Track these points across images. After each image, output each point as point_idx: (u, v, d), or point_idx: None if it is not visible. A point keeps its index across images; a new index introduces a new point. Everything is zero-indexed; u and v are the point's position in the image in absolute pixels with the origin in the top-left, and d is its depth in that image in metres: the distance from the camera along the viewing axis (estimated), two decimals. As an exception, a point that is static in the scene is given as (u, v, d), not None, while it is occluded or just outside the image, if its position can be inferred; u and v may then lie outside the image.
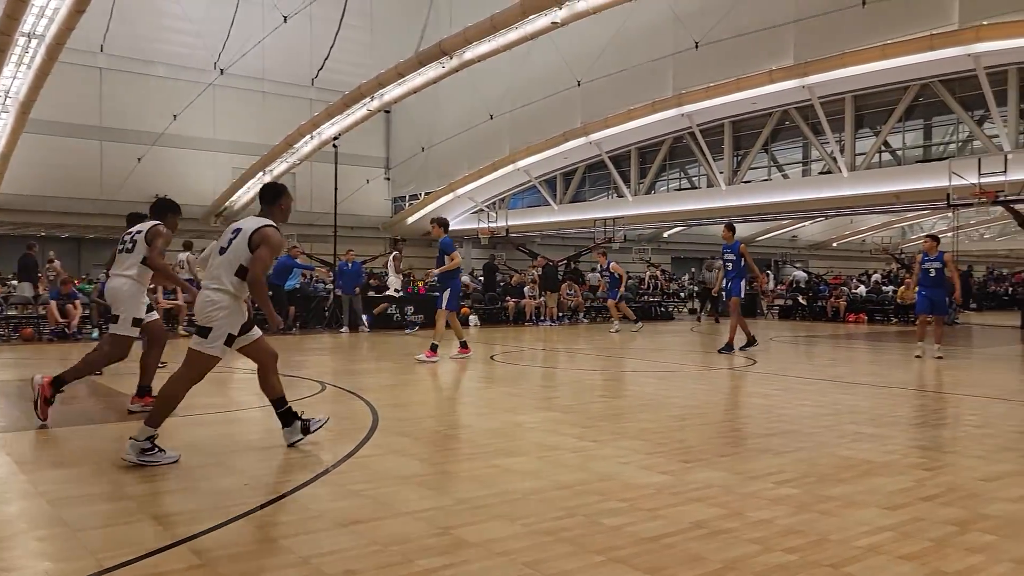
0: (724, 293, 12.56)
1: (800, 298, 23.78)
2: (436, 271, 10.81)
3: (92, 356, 6.05)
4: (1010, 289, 32.93)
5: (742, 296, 11.99)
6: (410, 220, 35.48)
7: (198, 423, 5.85)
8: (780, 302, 24.87)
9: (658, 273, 28.23)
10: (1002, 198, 17.04)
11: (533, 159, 30.17)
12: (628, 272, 33.26)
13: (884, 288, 23.64)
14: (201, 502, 3.73)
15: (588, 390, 8.04)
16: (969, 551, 3.07)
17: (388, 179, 38.30)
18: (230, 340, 4.62)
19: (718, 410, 6.64)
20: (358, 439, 5.20)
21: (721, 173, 27.18)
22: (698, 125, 26.80)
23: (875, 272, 31.04)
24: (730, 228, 12.48)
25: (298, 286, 16.91)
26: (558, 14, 20.79)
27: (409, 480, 4.17)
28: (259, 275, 4.60)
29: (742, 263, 11.75)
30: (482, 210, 33.10)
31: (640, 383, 8.78)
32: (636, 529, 3.34)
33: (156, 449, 4.45)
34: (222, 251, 4.71)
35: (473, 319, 18.75)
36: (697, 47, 23.80)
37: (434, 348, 10.26)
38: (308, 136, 28.71)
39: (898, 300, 21.31)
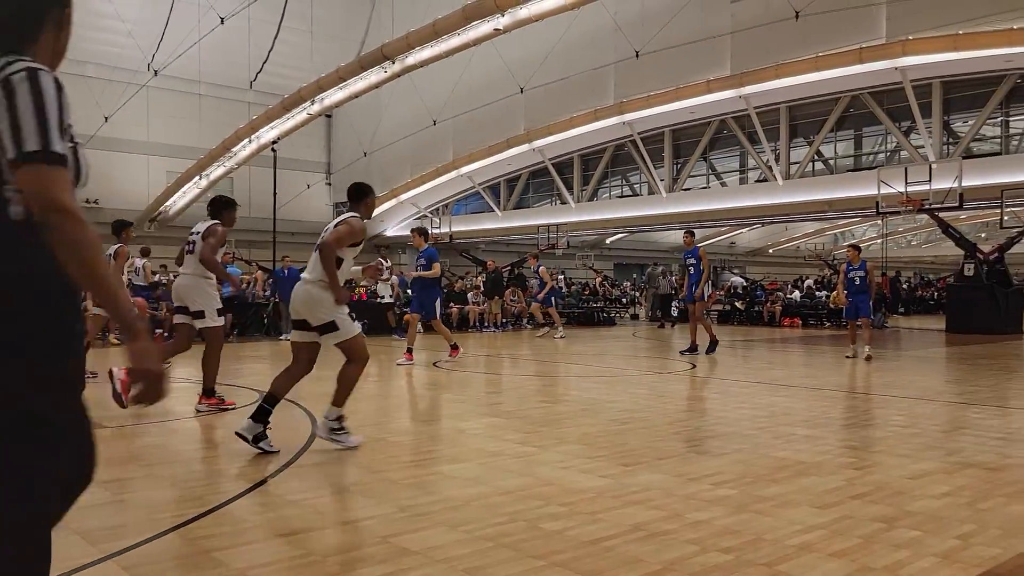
0: (685, 297, 13.07)
1: (738, 303, 24.32)
2: (415, 273, 11.12)
3: (172, 346, 6.69)
4: (936, 294, 34.30)
5: (705, 299, 12.46)
6: (352, 226, 35.06)
7: (128, 434, 5.66)
8: (718, 307, 25.39)
9: (599, 280, 28.55)
10: (927, 206, 17.76)
11: (477, 165, 30.21)
12: (571, 278, 33.51)
13: (817, 293, 24.36)
14: (130, 515, 3.61)
15: (531, 395, 8.06)
16: (895, 547, 3.17)
17: (329, 184, 37.83)
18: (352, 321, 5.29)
19: (658, 414, 6.74)
20: (297, 448, 5.11)
21: (662, 180, 27.67)
22: (639, 133, 27.25)
23: (808, 278, 32.00)
24: (690, 233, 13.03)
25: (234, 293, 16.53)
26: (501, 21, 20.89)
27: (349, 488, 4.11)
28: (329, 248, 4.97)
29: (701, 267, 12.19)
30: (425, 216, 32.99)
31: (582, 388, 8.85)
32: (576, 533, 3.36)
33: (344, 430, 4.99)
34: (317, 248, 5.13)
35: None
36: (638, 56, 24.20)
37: (454, 347, 11.18)
38: (246, 140, 28.16)
39: (830, 304, 21.99)
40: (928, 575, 2.86)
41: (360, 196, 5.58)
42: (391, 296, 16.87)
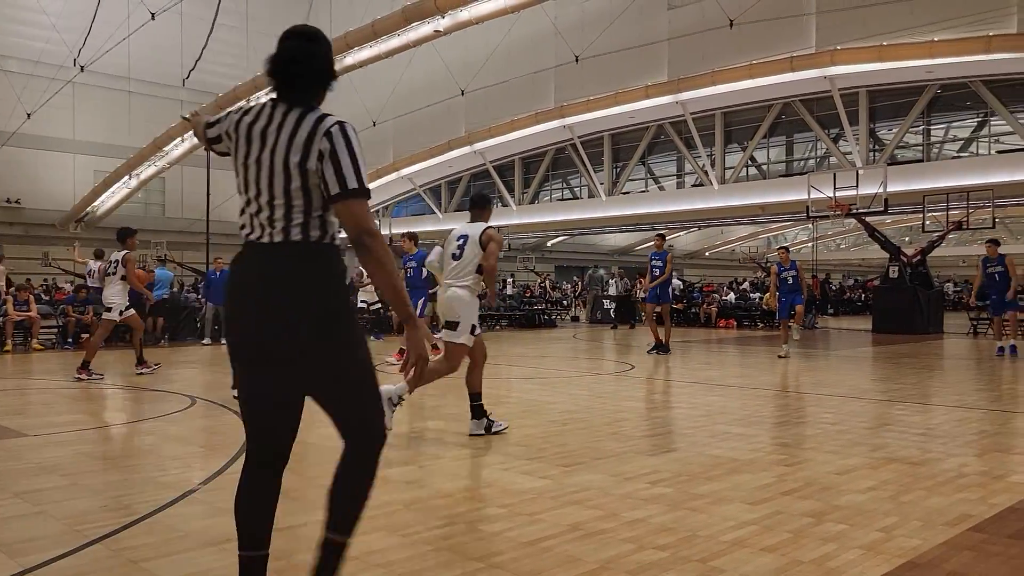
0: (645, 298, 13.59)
1: (675, 305, 24.76)
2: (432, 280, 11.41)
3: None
4: (863, 295, 35.55)
5: (671, 300, 13.12)
6: (291, 227, 34.47)
7: (53, 442, 5.44)
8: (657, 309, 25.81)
9: (546, 282, 28.69)
10: (855, 211, 18.41)
11: (417, 167, 30.08)
12: (514, 280, 33.53)
13: (751, 295, 24.99)
14: (51, 527, 3.46)
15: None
16: (823, 540, 3.27)
17: (268, 185, 37.12)
18: (474, 330, 5.69)
19: (597, 414, 6.81)
20: (230, 454, 4.99)
21: (601, 184, 28.02)
22: (579, 137, 27.54)
23: (744, 280, 32.81)
24: (661, 237, 13.44)
25: (167, 296, 16.06)
26: (441, 23, 20.85)
27: (284, 495, 4.01)
28: (493, 267, 5.84)
29: (667, 270, 12.69)
30: (366, 218, 32.62)
31: (523, 389, 8.88)
32: (515, 534, 3.36)
33: (399, 404, 4.91)
34: (456, 257, 5.85)
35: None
36: (577, 61, 24.45)
37: (434, 347, 10.90)
38: (179, 139, 27.41)
39: (763, 306, 22.58)
40: (853, 567, 2.96)
41: (485, 204, 6.27)
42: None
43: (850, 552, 3.12)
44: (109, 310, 9.55)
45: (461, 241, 5.88)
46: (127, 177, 28.60)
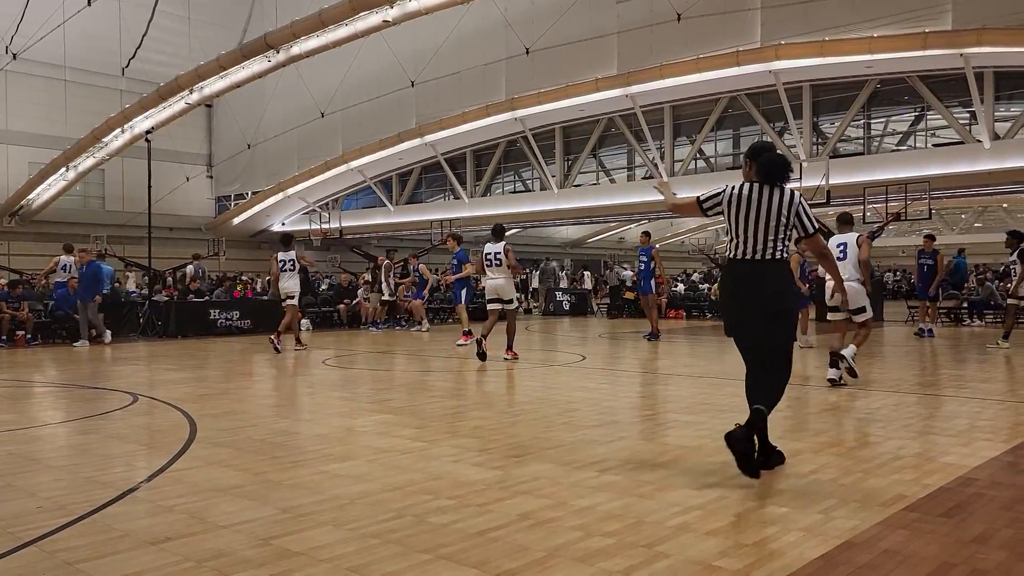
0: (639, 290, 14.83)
1: (626, 295, 25.00)
2: (452, 278, 13.49)
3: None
4: (808, 285, 36.35)
5: (655, 292, 14.28)
6: (236, 220, 33.80)
7: (-17, 444, 5.24)
8: (608, 301, 26.04)
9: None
10: (799, 202, 18.80)
11: (367, 159, 29.72)
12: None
13: (701, 286, 25.39)
14: (-17, 531, 3.33)
15: (423, 391, 8.01)
16: (765, 524, 3.35)
17: (211, 177, 36.28)
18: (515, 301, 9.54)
19: (548, 405, 6.84)
20: (173, 452, 4.87)
21: (553, 177, 28.09)
22: (531, 129, 27.55)
23: (694, 272, 33.30)
24: (646, 234, 14.34)
25: (107, 292, 15.60)
26: (389, 12, 20.64)
27: (228, 492, 3.95)
28: (515, 263, 10.51)
29: (652, 264, 13.65)
30: (315, 211, 32.17)
31: (475, 382, 8.87)
32: (464, 525, 3.36)
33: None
34: (491, 264, 10.38)
35: (305, 323, 18.16)
36: (528, 53, 24.45)
37: (467, 333, 12.51)
38: (119, 129, 26.61)
39: (712, 297, 22.96)
40: (793, 548, 3.03)
41: (502, 231, 10.73)
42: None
43: (791, 534, 3.19)
44: (292, 297, 12.54)
45: (492, 255, 10.43)
46: (64, 169, 27.66)
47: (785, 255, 4.19)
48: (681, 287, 25.60)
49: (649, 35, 22.91)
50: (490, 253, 10.37)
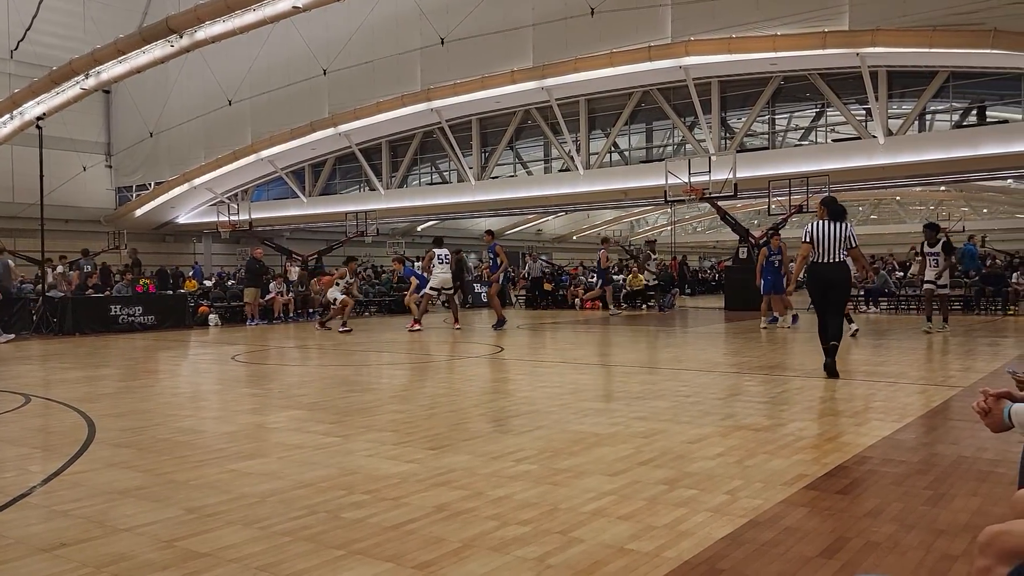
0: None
1: (545, 286, 25.21)
2: (495, 275, 14.90)
3: None
4: (716, 276, 37.60)
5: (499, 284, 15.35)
6: (139, 212, 32.35)
7: None
8: (524, 292, 26.21)
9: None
10: (708, 195, 19.40)
11: (278, 149, 28.92)
12: (382, 267, 33.04)
13: (616, 277, 25.84)
14: None
15: (337, 385, 7.87)
16: (675, 506, 3.44)
17: (110, 167, 34.55)
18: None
19: (466, 397, 6.84)
20: (70, 454, 4.63)
21: (471, 168, 28.03)
22: (447, 120, 27.39)
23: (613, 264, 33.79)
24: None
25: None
26: (300, -1, 20.10)
27: (129, 494, 3.79)
28: (505, 260, 14.39)
29: (599, 263, 14.84)
30: (223, 202, 31.07)
31: (391, 375, 8.79)
32: (379, 519, 3.32)
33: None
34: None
35: (213, 318, 17.57)
36: (443, 43, 24.28)
37: (502, 321, 14.34)
38: (7, 115, 25.03)
39: (627, 288, 23.42)
40: (702, 528, 3.12)
41: (491, 233, 14.20)
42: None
43: (699, 515, 3.29)
44: (449, 289, 14.62)
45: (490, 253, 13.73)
46: (-55, 156, 25.86)
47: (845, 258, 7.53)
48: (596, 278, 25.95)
49: (564, 28, 23.11)
50: (490, 250, 14.10)
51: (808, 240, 7.42)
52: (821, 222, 7.49)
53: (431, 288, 14.69)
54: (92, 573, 2.77)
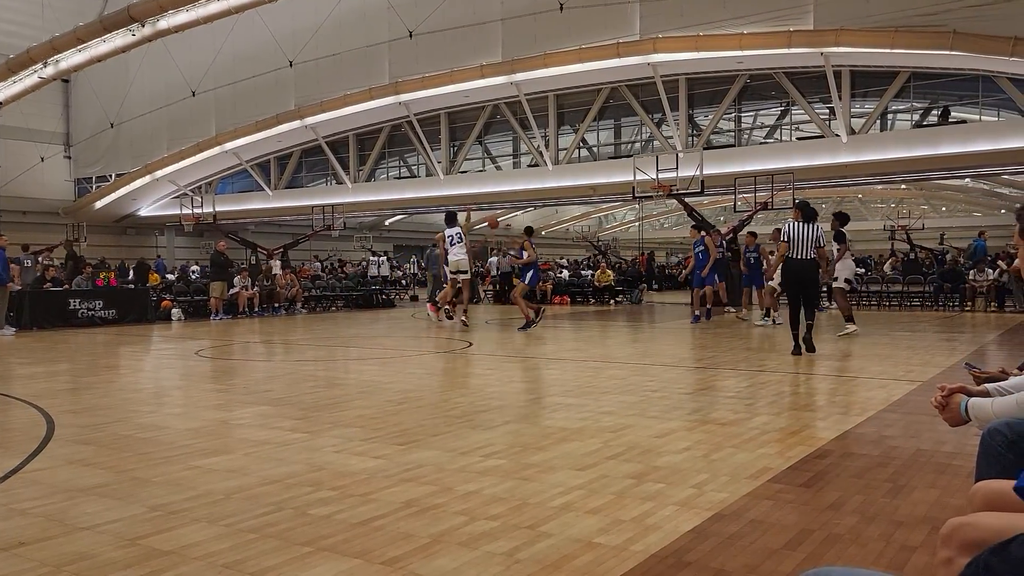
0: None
1: (514, 282, 25.23)
2: (520, 261, 14.09)
3: None
4: (683, 272, 37.92)
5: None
6: (98, 204, 31.65)
7: None
8: (492, 288, 26.23)
9: (394, 262, 28.21)
10: (675, 192, 19.55)
11: (243, 141, 28.48)
12: (352, 261, 32.79)
13: (584, 272, 25.98)
14: None
15: (303, 381, 7.79)
16: (643, 500, 3.47)
17: (69, 158, 33.74)
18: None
19: (434, 392, 6.82)
20: (28, 451, 4.53)
21: (439, 163, 27.90)
22: (416, 114, 27.23)
23: (579, 258, 34.00)
24: (696, 228, 15.73)
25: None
26: (267, -11, 19.80)
27: (90, 492, 3.71)
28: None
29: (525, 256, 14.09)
30: (186, 195, 30.55)
31: (359, 371, 8.73)
32: (346, 516, 3.30)
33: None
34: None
35: (176, 313, 17.29)
36: (411, 36, 24.11)
37: (535, 313, 13.28)
38: (-38, 104, 24.31)
39: (595, 283, 23.57)
40: (668, 522, 3.16)
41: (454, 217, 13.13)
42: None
43: (666, 509, 3.33)
44: (464, 272, 13.29)
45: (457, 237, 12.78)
46: None
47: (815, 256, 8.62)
48: (566, 273, 26.10)
49: (533, 23, 23.08)
50: (451, 235, 12.63)
51: (785, 240, 8.61)
52: (796, 223, 8.65)
53: (450, 272, 13.37)
54: (52, 572, 2.71)
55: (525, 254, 13.73)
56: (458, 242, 13.13)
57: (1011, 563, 1.20)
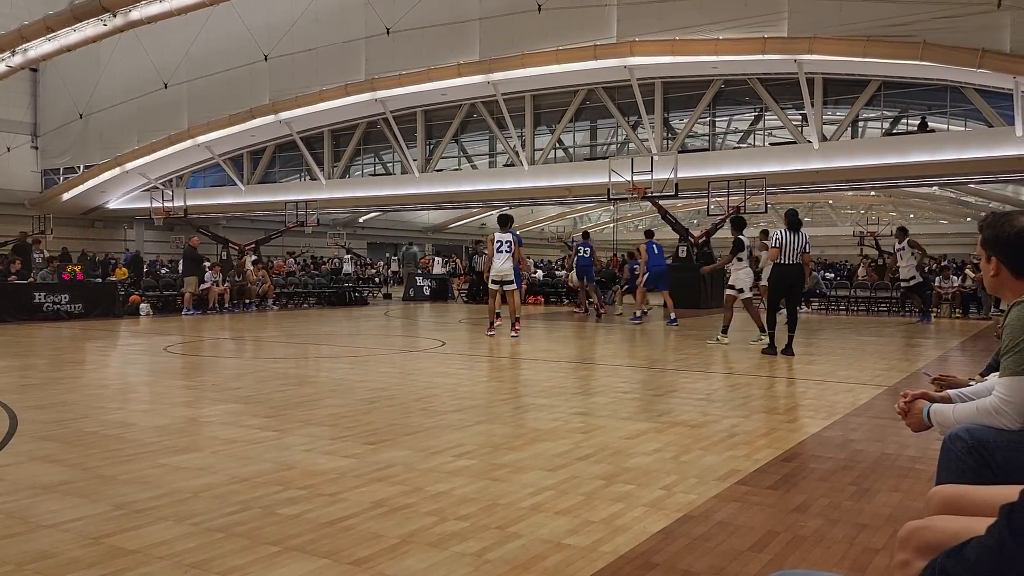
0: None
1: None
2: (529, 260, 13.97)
3: None
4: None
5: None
6: (66, 196, 31.12)
7: None
8: (467, 287, 26.18)
9: (375, 262, 28.02)
10: (650, 194, 19.68)
11: (216, 135, 28.17)
12: (324, 257, 32.59)
13: (558, 272, 26.04)
14: None
15: (274, 379, 7.72)
16: (612, 501, 3.49)
17: (36, 148, 33.11)
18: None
19: (406, 391, 6.80)
20: (-11, 449, 4.44)
21: (415, 160, 27.81)
22: (392, 111, 27.12)
23: (554, 259, 34.07)
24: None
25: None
26: (243, -18, 19.58)
27: (54, 489, 3.65)
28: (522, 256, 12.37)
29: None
30: (156, 188, 30.12)
31: (331, 369, 8.67)
32: (315, 515, 3.28)
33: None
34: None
35: (145, 307, 17.05)
36: (388, 33, 24.01)
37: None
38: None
39: (568, 283, 23.60)
40: (638, 523, 3.18)
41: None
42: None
43: (636, 510, 3.35)
44: (511, 282, 12.20)
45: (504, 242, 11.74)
46: None
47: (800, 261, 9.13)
48: (540, 273, 26.13)
49: (511, 23, 23.09)
50: (500, 241, 11.56)
51: (776, 246, 9.16)
52: (785, 231, 9.23)
53: (492, 281, 12.33)
54: (14, 571, 2.66)
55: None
56: (507, 250, 11.84)
57: (966, 566, 1.23)
